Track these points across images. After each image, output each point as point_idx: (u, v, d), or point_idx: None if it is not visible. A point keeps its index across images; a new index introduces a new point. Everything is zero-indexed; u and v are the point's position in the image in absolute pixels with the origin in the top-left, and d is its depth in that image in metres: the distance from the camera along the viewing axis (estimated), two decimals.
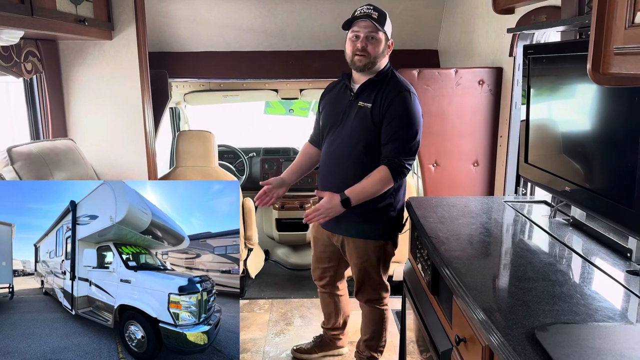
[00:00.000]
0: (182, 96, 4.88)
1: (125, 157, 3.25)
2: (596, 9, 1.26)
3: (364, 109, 2.37)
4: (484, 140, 3.22)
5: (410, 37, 4.08)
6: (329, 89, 2.63)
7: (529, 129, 2.23)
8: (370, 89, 2.38)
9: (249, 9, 3.91)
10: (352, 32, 2.34)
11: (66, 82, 3.17)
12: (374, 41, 2.32)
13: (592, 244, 1.85)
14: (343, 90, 2.50)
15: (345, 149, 2.43)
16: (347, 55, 2.39)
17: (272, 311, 3.60)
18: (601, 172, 1.76)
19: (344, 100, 2.46)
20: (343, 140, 2.44)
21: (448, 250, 1.81)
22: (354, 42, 2.34)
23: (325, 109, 2.57)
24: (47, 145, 2.82)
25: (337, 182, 2.41)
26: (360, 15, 2.30)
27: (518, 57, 2.89)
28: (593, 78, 1.30)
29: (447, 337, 1.76)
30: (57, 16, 2.45)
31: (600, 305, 1.37)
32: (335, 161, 2.47)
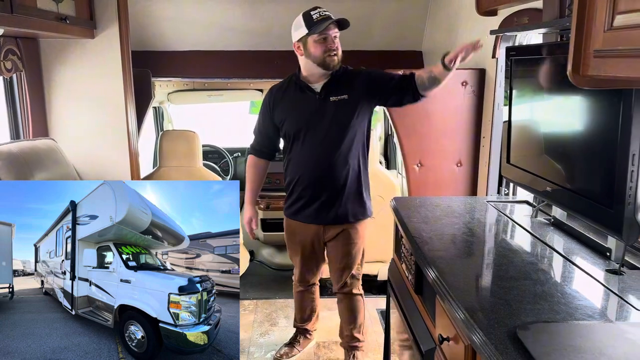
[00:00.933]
0: (166, 95, 4.84)
1: (107, 157, 3.22)
2: (576, 12, 1.28)
3: (341, 102, 2.48)
4: (467, 140, 3.25)
5: (395, 39, 4.11)
6: (279, 93, 2.61)
7: (511, 129, 2.26)
8: (338, 85, 2.50)
9: (233, 8, 3.89)
10: (320, 34, 2.41)
11: (47, 81, 3.13)
12: (337, 41, 2.47)
13: (572, 244, 1.88)
14: (299, 92, 2.54)
15: (334, 145, 2.49)
16: (314, 57, 2.44)
17: (256, 312, 3.59)
18: (581, 172, 1.78)
19: (309, 101, 2.51)
20: (327, 138, 2.48)
21: (431, 250, 1.83)
22: (323, 44, 2.42)
23: (287, 115, 2.56)
24: (27, 145, 2.77)
25: (339, 178, 2.52)
26: (325, 17, 2.41)
27: (501, 59, 2.92)
28: (573, 80, 1.32)
29: (430, 336, 1.77)
30: (37, 14, 2.41)
31: (580, 304, 1.39)
32: (328, 161, 2.51)
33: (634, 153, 1.42)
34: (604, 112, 1.59)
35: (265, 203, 4.48)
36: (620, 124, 1.45)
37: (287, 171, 2.65)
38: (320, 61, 2.44)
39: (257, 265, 4.73)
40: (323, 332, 3.19)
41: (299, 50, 2.50)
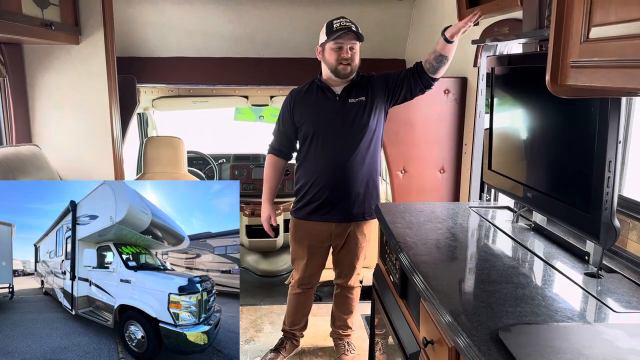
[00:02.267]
0: (150, 102, 4.82)
1: (92, 163, 3.20)
2: (554, 24, 1.32)
3: (359, 103, 2.61)
4: (449, 147, 3.30)
5: (378, 47, 4.15)
6: (299, 95, 2.72)
7: (492, 137, 2.31)
8: (356, 88, 2.63)
9: (218, 15, 3.90)
10: (336, 43, 2.53)
11: (31, 87, 3.11)
12: (354, 51, 2.57)
13: (552, 248, 1.93)
14: (320, 94, 2.66)
15: (352, 146, 2.61)
16: (329, 64, 2.57)
17: (242, 318, 3.58)
18: (560, 178, 1.83)
19: (328, 103, 2.63)
20: (346, 138, 2.61)
21: (416, 255, 1.86)
22: (338, 52, 2.53)
23: (306, 115, 2.67)
24: (10, 151, 2.75)
25: (357, 179, 2.64)
26: (343, 27, 2.51)
27: (482, 68, 2.98)
28: (551, 89, 1.36)
29: (415, 339, 1.80)
30: (22, 20, 2.41)
31: (560, 307, 1.43)
32: (346, 161, 2.62)
33: (610, 160, 1.48)
34: (580, 120, 1.64)
35: (250, 209, 4.49)
36: (597, 131, 1.50)
37: (302, 173, 2.74)
38: (332, 68, 2.56)
39: (242, 271, 4.72)
40: (308, 338, 3.19)
41: (319, 55, 2.64)
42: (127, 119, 3.54)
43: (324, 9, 3.75)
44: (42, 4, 2.59)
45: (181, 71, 4.08)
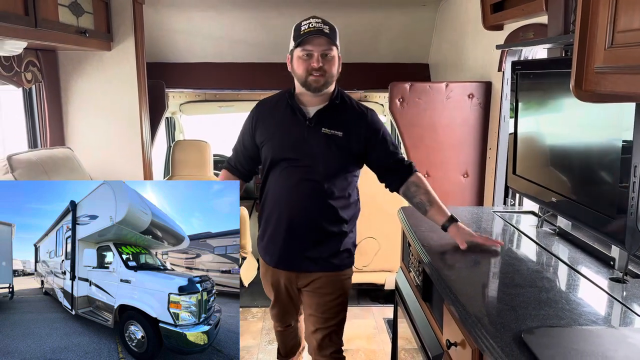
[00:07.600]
0: (178, 106, 4.92)
1: (122, 166, 3.29)
2: (579, 30, 1.33)
3: (334, 137, 2.11)
4: (473, 152, 3.30)
5: (401, 51, 4.18)
6: (266, 108, 2.26)
7: (517, 141, 2.31)
8: (332, 115, 2.14)
9: (243, 21, 3.98)
10: (303, 50, 2.05)
11: (65, 92, 3.22)
12: (328, 58, 2.06)
13: (577, 253, 1.92)
14: (289, 113, 2.16)
15: (315, 180, 2.12)
16: (297, 75, 2.10)
17: (265, 319, 3.63)
18: (586, 184, 1.83)
19: (297, 125, 2.13)
20: (311, 170, 2.12)
21: (440, 259, 1.87)
22: (306, 61, 2.05)
23: (270, 137, 2.19)
24: (45, 154, 2.85)
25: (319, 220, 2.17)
26: (310, 30, 2.03)
27: (506, 72, 2.98)
28: (576, 95, 1.37)
29: (438, 342, 1.81)
30: (59, 28, 2.51)
31: (584, 310, 1.43)
32: (308, 199, 2.15)
33: (636, 165, 1.48)
34: (607, 125, 1.64)
35: None
36: (622, 136, 1.51)
37: (263, 202, 2.28)
38: (302, 80, 2.08)
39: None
40: None
41: (289, 65, 2.17)
42: (156, 122, 3.64)
43: (349, 13, 3.79)
44: (77, 12, 2.69)
45: (208, 76, 4.17)
